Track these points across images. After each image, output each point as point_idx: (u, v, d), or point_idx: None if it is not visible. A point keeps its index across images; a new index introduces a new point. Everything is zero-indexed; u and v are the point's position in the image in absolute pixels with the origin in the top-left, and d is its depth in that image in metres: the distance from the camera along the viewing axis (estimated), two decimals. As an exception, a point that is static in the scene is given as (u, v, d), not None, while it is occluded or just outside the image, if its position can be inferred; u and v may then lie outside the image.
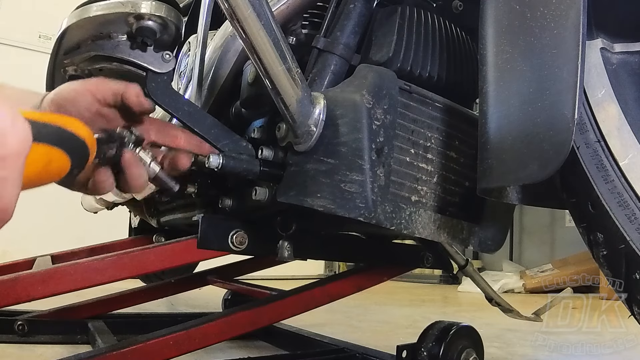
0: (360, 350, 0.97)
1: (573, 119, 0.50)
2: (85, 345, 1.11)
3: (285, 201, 0.65)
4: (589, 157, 0.57)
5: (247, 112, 0.79)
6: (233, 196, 0.80)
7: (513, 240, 3.61)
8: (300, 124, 0.62)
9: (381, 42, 0.72)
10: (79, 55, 0.71)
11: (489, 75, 0.59)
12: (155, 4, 0.65)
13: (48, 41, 2.98)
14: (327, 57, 0.70)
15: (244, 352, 1.14)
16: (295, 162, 0.65)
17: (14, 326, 1.11)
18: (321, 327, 1.45)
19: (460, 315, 2.05)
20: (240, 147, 0.68)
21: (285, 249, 0.77)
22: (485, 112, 0.58)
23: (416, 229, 0.68)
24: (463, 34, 0.80)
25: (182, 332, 0.82)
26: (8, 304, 0.80)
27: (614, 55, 0.60)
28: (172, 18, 0.67)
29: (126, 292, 1.37)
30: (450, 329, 0.84)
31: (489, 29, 0.60)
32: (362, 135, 0.61)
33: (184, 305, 1.90)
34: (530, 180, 0.54)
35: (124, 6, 0.64)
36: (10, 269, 1.18)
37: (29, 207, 3.13)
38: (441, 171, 0.71)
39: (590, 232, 0.59)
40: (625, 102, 0.58)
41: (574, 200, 0.60)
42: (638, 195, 0.55)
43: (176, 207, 1.09)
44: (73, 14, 0.70)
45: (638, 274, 0.55)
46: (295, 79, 0.60)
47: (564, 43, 0.53)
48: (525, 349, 1.30)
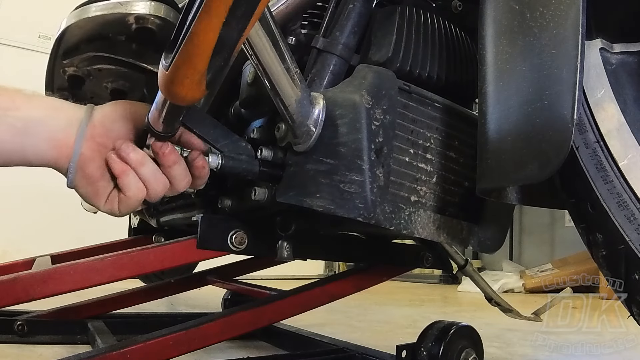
0: (360, 350, 0.97)
1: (572, 120, 0.50)
2: (85, 345, 1.11)
3: (285, 201, 0.65)
4: (588, 157, 0.57)
5: (247, 113, 0.79)
6: (232, 196, 0.80)
7: (513, 240, 3.61)
8: (300, 124, 0.62)
9: (380, 42, 0.72)
10: (78, 56, 0.71)
11: (488, 75, 0.59)
12: (154, 4, 0.65)
13: (48, 41, 2.98)
14: (327, 57, 0.70)
15: (243, 352, 1.14)
16: (294, 162, 0.65)
17: (14, 326, 1.10)
18: (321, 327, 1.45)
19: (460, 315, 2.05)
20: (239, 148, 0.68)
21: (285, 249, 0.77)
22: (485, 112, 0.58)
23: (415, 229, 0.68)
24: (462, 34, 0.80)
25: (181, 332, 0.82)
26: (8, 304, 0.80)
27: (614, 56, 0.60)
28: (171, 18, 0.67)
29: (126, 292, 1.37)
30: (450, 329, 0.84)
31: (489, 29, 0.60)
32: (362, 136, 0.61)
33: (183, 305, 1.90)
34: (530, 181, 0.54)
35: (123, 7, 0.64)
36: (9, 269, 1.18)
37: (29, 207, 3.12)
38: (441, 171, 0.71)
39: (590, 233, 0.59)
40: (624, 102, 0.58)
41: (573, 200, 0.60)
42: (637, 196, 0.55)
43: (176, 207, 1.09)
44: (72, 14, 0.70)
45: (637, 274, 0.55)
46: (294, 79, 0.60)
47: (563, 43, 0.53)
48: (525, 348, 1.30)
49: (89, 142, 0.57)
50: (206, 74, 0.48)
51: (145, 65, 0.66)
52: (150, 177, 0.58)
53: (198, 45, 0.46)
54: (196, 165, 0.61)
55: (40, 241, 2.14)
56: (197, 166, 0.61)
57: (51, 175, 0.62)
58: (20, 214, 2.74)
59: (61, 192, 0.62)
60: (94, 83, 0.77)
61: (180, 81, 0.49)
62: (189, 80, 0.49)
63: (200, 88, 0.49)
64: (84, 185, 0.58)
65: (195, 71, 0.48)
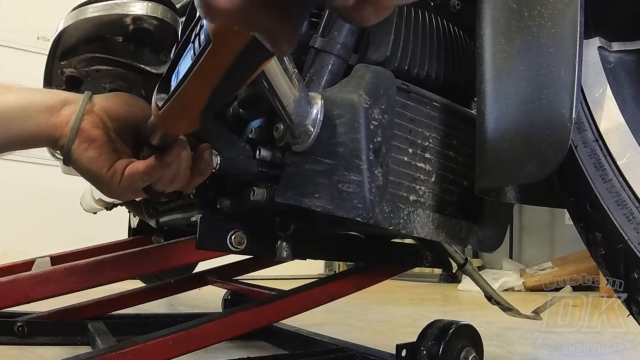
0: (360, 350, 0.97)
1: (571, 118, 0.50)
2: (85, 346, 1.11)
3: (284, 201, 0.65)
4: (587, 156, 0.57)
5: (245, 113, 0.78)
6: (231, 197, 0.80)
7: (513, 239, 3.61)
8: (298, 124, 0.62)
9: (378, 41, 0.72)
10: (76, 57, 0.71)
11: (486, 74, 0.59)
12: (152, 5, 0.65)
13: (46, 42, 2.97)
14: (325, 56, 0.70)
15: (244, 352, 1.14)
16: (293, 163, 0.65)
17: (14, 328, 1.10)
18: (321, 326, 1.45)
19: (460, 314, 2.05)
20: (238, 148, 0.68)
21: (284, 249, 0.77)
22: (483, 112, 0.58)
23: (414, 229, 0.67)
24: (461, 33, 0.80)
25: (181, 333, 0.82)
26: (7, 305, 0.80)
27: (612, 54, 0.60)
28: (168, 19, 0.66)
29: (126, 293, 1.36)
30: (450, 328, 0.84)
31: (487, 28, 0.60)
32: (360, 135, 0.61)
33: (183, 306, 1.90)
34: (528, 180, 0.54)
35: (120, 8, 0.64)
36: (9, 271, 1.18)
37: (29, 208, 3.12)
38: (439, 171, 0.71)
39: (589, 232, 0.59)
40: (623, 100, 0.58)
41: (572, 199, 0.60)
42: (636, 195, 0.55)
43: (175, 208, 1.09)
44: (70, 15, 0.70)
45: (636, 273, 0.55)
46: (292, 79, 0.60)
47: (561, 42, 0.53)
48: (525, 347, 1.30)
49: (91, 113, 0.57)
50: (199, 118, 0.48)
51: (143, 66, 0.66)
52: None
53: (189, 102, 0.46)
54: (205, 158, 0.61)
55: (39, 242, 2.14)
56: (206, 159, 0.61)
57: (51, 176, 0.62)
58: (20, 215, 2.74)
59: (61, 193, 0.62)
60: (92, 84, 0.77)
61: (173, 122, 0.50)
62: (182, 122, 0.49)
63: (193, 125, 0.50)
64: (85, 149, 0.56)
65: (187, 116, 0.48)
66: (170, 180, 0.59)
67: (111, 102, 0.60)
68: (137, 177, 0.57)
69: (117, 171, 0.57)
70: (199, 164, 0.61)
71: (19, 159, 2.61)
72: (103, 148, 0.57)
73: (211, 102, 0.45)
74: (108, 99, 0.60)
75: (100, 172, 0.57)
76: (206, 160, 0.61)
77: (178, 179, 0.60)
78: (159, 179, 0.58)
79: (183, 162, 0.59)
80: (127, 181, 0.57)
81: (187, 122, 0.49)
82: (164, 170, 0.57)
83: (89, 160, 0.57)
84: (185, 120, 0.49)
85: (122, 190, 0.59)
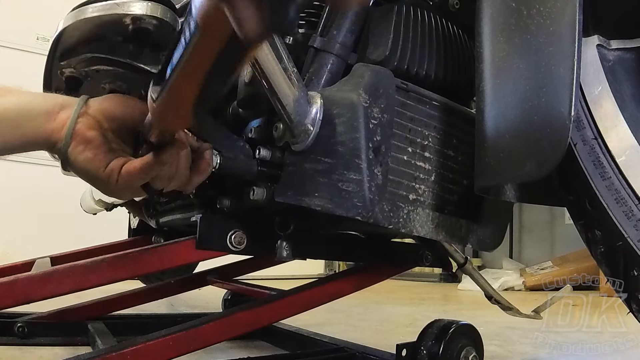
0: (360, 350, 0.97)
1: (570, 117, 0.50)
2: (85, 346, 1.11)
3: (283, 201, 0.65)
4: (586, 154, 0.57)
5: (244, 112, 0.79)
6: (231, 196, 0.80)
7: (513, 238, 3.61)
8: (297, 124, 0.62)
9: (378, 40, 0.72)
10: (75, 57, 0.71)
11: (485, 73, 0.59)
12: (151, 5, 0.65)
13: (46, 43, 2.97)
14: (324, 56, 0.70)
15: (244, 352, 1.14)
16: (292, 162, 0.65)
17: (14, 328, 1.10)
18: (321, 326, 1.45)
19: (461, 314, 2.05)
20: (237, 147, 0.68)
21: (284, 249, 0.77)
22: (483, 110, 0.58)
23: (414, 228, 0.67)
24: (460, 31, 0.80)
25: (181, 333, 0.82)
26: (7, 306, 0.80)
27: (611, 52, 0.60)
28: (168, 19, 0.66)
29: (126, 293, 1.36)
30: (450, 328, 0.84)
31: (486, 27, 0.60)
32: (359, 135, 0.61)
33: (183, 306, 1.90)
34: (528, 178, 0.54)
35: (120, 8, 0.64)
36: (9, 271, 1.18)
37: (29, 209, 3.12)
38: (439, 169, 0.71)
39: (588, 230, 0.59)
40: (622, 98, 0.58)
41: (572, 197, 0.60)
42: (635, 192, 0.55)
43: (175, 208, 1.09)
44: (69, 15, 0.70)
45: (636, 270, 0.55)
46: (291, 78, 0.60)
47: (560, 40, 0.53)
48: (526, 347, 1.30)
49: (86, 116, 0.58)
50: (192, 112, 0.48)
51: (142, 65, 0.66)
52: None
53: (182, 93, 0.46)
54: (205, 158, 0.61)
55: (39, 243, 2.14)
56: (206, 158, 0.61)
57: (51, 177, 0.62)
58: (20, 215, 2.74)
59: (61, 194, 0.62)
60: (92, 84, 0.77)
61: (167, 116, 0.50)
62: (176, 117, 0.50)
63: (187, 119, 0.51)
64: (81, 151, 0.57)
65: (181, 109, 0.48)
66: (168, 178, 0.59)
67: (107, 103, 0.60)
68: (133, 175, 0.57)
69: (114, 170, 0.58)
70: (199, 163, 0.61)
71: (20, 159, 2.61)
72: (99, 149, 0.58)
73: (203, 94, 0.46)
74: (104, 101, 0.60)
75: (97, 172, 0.58)
76: (206, 160, 0.62)
77: (177, 177, 0.60)
78: (156, 177, 0.58)
79: (182, 161, 0.59)
80: (124, 179, 0.58)
81: (181, 116, 0.50)
82: (160, 168, 0.57)
83: (85, 161, 0.57)
84: (179, 115, 0.49)
85: (120, 189, 0.59)
